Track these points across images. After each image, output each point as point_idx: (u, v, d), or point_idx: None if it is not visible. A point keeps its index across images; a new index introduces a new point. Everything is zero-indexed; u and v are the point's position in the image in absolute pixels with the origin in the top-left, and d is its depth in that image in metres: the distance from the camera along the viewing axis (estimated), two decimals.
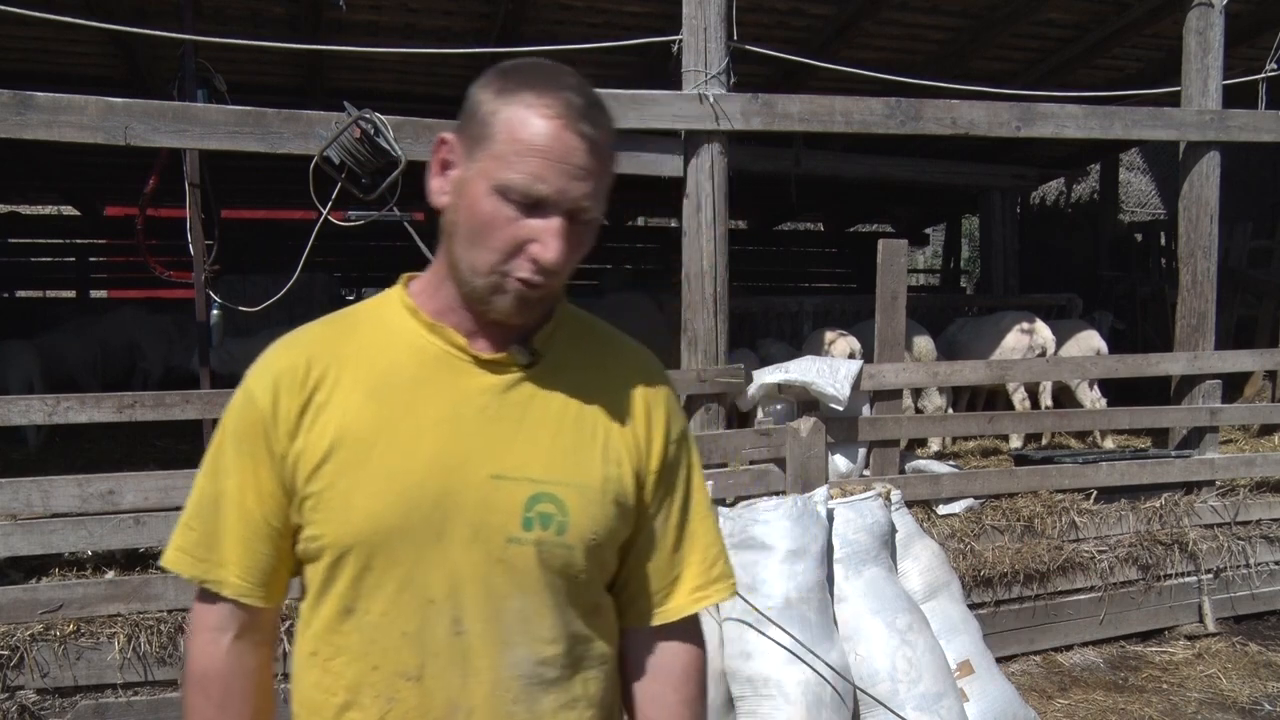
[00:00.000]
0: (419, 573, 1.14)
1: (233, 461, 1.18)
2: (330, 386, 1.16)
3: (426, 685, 1.15)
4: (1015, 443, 6.42)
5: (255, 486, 1.17)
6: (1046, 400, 6.61)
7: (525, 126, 1.07)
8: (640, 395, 1.26)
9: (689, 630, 1.30)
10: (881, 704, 3.40)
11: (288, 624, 2.97)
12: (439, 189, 1.16)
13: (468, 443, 1.15)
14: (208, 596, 1.21)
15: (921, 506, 4.71)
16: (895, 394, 4.90)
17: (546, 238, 1.09)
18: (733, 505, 3.87)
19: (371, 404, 1.16)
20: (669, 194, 5.37)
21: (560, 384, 1.21)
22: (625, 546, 1.26)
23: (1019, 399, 6.42)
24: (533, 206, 1.08)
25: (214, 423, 1.27)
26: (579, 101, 1.09)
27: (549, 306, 1.22)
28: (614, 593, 1.29)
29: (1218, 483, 5.29)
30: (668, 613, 1.28)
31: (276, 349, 1.22)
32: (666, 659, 1.28)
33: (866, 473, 4.82)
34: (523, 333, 1.19)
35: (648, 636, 1.29)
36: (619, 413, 1.23)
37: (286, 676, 1.28)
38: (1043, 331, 6.47)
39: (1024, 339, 6.45)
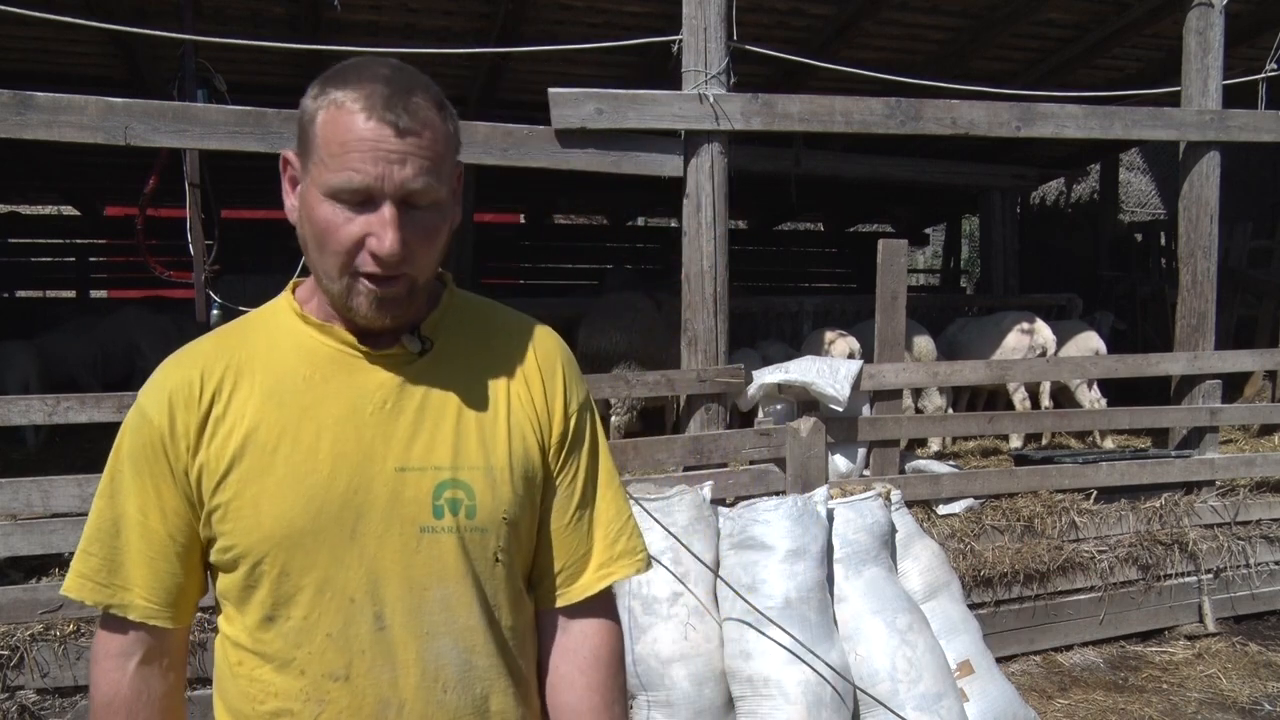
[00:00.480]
0: (336, 572, 1.14)
1: (131, 482, 1.18)
2: (226, 398, 1.16)
3: (355, 684, 1.15)
4: (1015, 443, 6.42)
5: (158, 505, 1.16)
6: (1046, 400, 6.60)
7: (336, 126, 1.08)
8: (536, 368, 1.26)
9: (598, 608, 1.29)
10: (881, 704, 3.40)
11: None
12: (291, 206, 1.19)
13: (370, 438, 1.15)
14: (112, 622, 1.19)
15: (921, 506, 4.71)
16: (895, 394, 4.89)
17: (379, 229, 1.08)
18: (733, 505, 3.87)
19: (270, 410, 1.15)
20: (669, 194, 5.37)
21: (456, 369, 1.21)
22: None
23: (1019, 399, 6.42)
24: (362, 202, 1.09)
25: None
26: (385, 90, 1.08)
27: (423, 300, 1.21)
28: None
29: (1218, 483, 5.29)
30: (574, 592, 1.27)
31: (167, 366, 1.22)
32: (575, 640, 1.27)
33: (866, 473, 4.82)
34: (412, 323, 1.19)
35: (556, 617, 1.28)
36: (518, 388, 1.24)
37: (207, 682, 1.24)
38: (1043, 331, 6.47)
39: (1024, 339, 6.45)
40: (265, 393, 1.16)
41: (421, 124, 1.09)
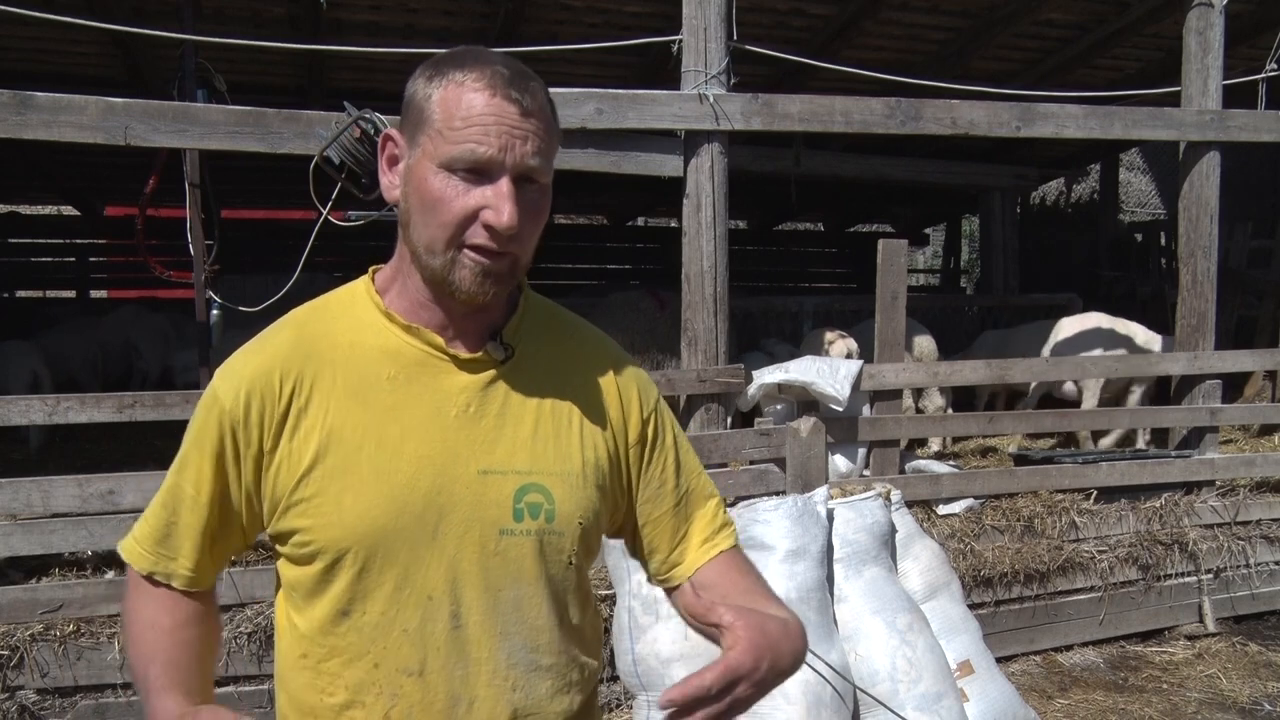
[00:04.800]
0: (416, 570, 1.16)
1: (192, 459, 1.20)
2: (308, 392, 1.17)
3: (428, 680, 1.17)
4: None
5: (212, 482, 1.19)
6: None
7: (459, 102, 1.09)
8: (610, 376, 1.30)
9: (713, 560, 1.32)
10: (881, 704, 3.40)
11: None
12: (389, 184, 1.19)
13: (453, 441, 1.18)
14: (155, 583, 1.24)
15: (921, 506, 4.71)
16: (895, 394, 4.89)
17: (497, 202, 1.09)
18: (733, 505, 3.87)
19: (354, 408, 1.17)
20: (669, 194, 5.37)
21: (534, 376, 1.24)
22: (626, 520, 1.32)
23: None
24: (480, 174, 1.10)
25: None
26: (506, 72, 1.11)
27: (513, 288, 1.22)
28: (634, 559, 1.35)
29: (1218, 483, 5.29)
30: (681, 571, 1.32)
31: (246, 354, 1.22)
32: (704, 588, 1.30)
33: (866, 473, 4.82)
34: (494, 328, 1.21)
35: (672, 590, 1.34)
36: (592, 397, 1.27)
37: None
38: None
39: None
40: (348, 390, 1.17)
41: (540, 108, 1.12)
